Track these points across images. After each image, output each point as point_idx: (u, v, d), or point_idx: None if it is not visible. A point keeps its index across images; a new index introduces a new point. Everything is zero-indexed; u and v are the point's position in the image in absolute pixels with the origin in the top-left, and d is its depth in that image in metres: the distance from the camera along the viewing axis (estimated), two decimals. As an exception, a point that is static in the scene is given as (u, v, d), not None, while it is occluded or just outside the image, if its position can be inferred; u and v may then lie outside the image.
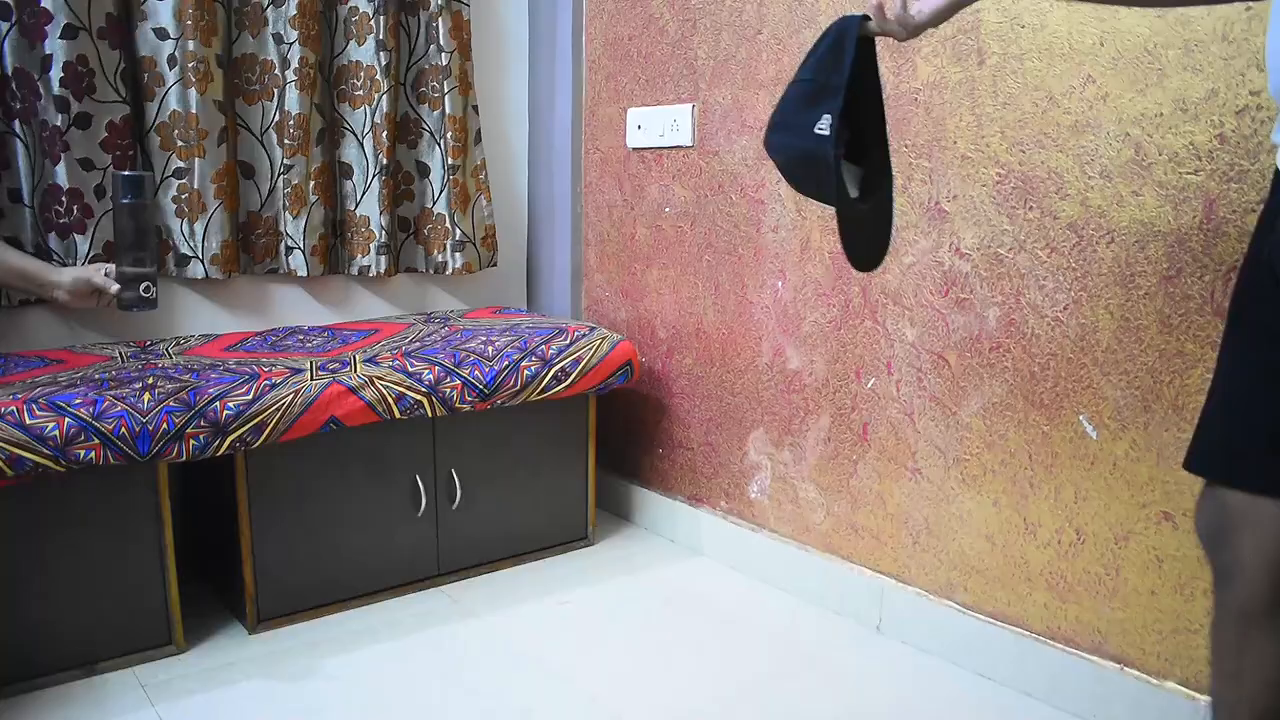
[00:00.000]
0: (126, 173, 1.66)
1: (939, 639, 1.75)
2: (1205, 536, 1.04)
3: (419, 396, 1.87)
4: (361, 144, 2.27)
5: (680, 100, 2.17)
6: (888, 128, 1.30)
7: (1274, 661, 0.99)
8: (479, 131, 2.40)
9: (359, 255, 2.29)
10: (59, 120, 1.87)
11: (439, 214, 2.38)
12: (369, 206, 2.28)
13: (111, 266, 1.67)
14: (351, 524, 1.89)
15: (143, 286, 1.67)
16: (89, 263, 1.93)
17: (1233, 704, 1.03)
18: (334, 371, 1.81)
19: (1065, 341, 1.53)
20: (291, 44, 2.12)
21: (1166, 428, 1.43)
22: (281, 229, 2.20)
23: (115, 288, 1.66)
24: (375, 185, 2.27)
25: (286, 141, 2.15)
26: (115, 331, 2.07)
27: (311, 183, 2.19)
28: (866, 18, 1.19)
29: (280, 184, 2.18)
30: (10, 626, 1.58)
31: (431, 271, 2.41)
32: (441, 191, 2.37)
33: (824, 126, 1.18)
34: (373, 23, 2.21)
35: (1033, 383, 1.58)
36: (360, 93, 2.25)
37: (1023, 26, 1.54)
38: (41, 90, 1.86)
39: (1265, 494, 0.96)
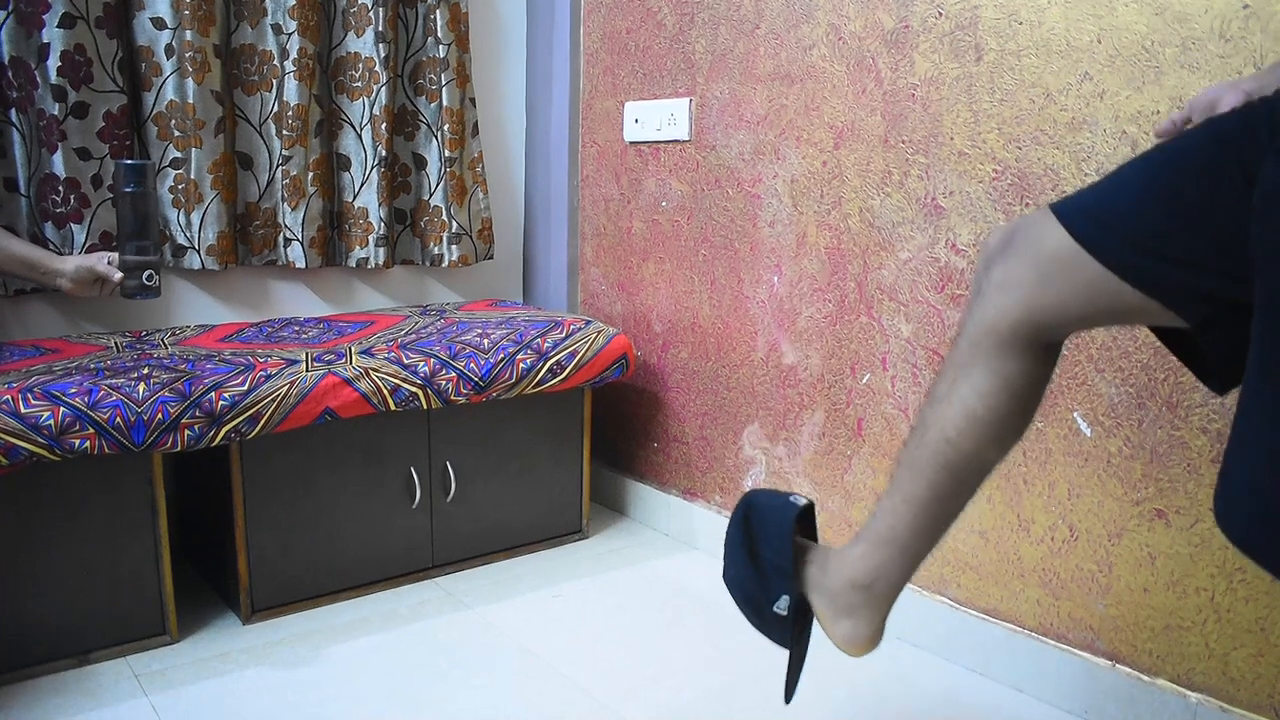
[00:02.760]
0: (129, 161, 1.66)
1: (931, 634, 1.75)
2: (986, 251, 1.01)
3: (414, 389, 1.87)
4: (360, 135, 2.27)
5: (677, 94, 2.16)
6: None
7: (981, 392, 1.00)
8: (476, 124, 2.40)
9: (357, 247, 2.29)
10: (56, 109, 1.86)
11: (435, 206, 2.37)
12: (367, 198, 2.28)
13: (115, 255, 1.67)
14: (346, 515, 1.90)
15: (146, 274, 1.67)
16: (87, 252, 1.93)
17: (929, 423, 1.05)
18: (329, 363, 1.81)
19: (1060, 338, 1.54)
20: (290, 34, 2.11)
21: (1160, 425, 1.43)
22: (280, 220, 2.19)
23: (118, 276, 1.66)
24: (374, 177, 2.27)
25: (285, 132, 2.14)
26: (111, 322, 2.07)
27: (310, 174, 2.19)
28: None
29: (279, 175, 2.18)
30: (3, 615, 1.58)
31: (428, 264, 2.41)
32: (438, 184, 2.36)
33: (782, 607, 1.16)
34: (371, 14, 2.21)
35: (1027, 379, 1.58)
36: (359, 84, 2.25)
37: (1020, 23, 1.54)
38: (39, 79, 1.86)
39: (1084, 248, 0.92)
